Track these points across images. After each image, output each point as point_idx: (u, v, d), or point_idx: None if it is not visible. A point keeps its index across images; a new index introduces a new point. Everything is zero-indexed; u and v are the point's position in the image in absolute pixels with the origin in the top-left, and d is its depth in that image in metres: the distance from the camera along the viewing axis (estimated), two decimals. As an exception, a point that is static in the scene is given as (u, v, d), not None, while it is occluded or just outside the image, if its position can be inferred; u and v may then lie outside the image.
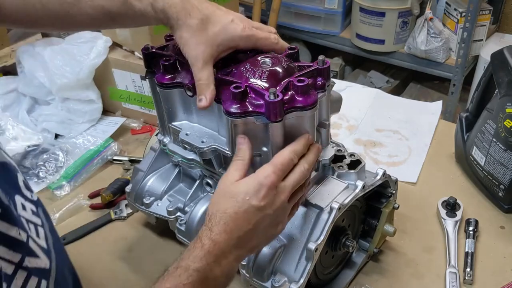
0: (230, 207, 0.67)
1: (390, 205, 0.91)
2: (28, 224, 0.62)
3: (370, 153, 1.25)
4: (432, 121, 1.36)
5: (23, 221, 0.61)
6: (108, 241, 1.05)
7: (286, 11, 2.71)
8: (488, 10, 2.33)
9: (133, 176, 1.00)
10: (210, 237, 0.65)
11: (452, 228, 1.01)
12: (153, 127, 1.36)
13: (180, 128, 0.84)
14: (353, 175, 0.83)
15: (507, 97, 0.99)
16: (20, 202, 0.64)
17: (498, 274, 0.93)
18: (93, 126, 1.35)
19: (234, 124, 0.73)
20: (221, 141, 0.80)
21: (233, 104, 0.72)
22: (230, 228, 0.66)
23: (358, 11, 2.51)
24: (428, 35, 2.37)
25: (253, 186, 0.67)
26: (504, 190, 1.03)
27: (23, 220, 0.61)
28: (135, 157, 1.24)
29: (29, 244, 0.58)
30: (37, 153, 1.24)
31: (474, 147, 1.10)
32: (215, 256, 0.65)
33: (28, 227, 0.61)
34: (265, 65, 0.76)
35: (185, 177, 0.96)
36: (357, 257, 0.95)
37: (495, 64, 1.05)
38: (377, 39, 2.53)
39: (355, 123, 1.35)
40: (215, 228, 0.66)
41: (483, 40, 2.40)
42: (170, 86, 0.81)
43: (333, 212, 0.76)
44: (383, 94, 1.51)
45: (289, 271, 0.77)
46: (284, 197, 0.69)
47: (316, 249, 0.74)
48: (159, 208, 0.94)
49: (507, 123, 0.98)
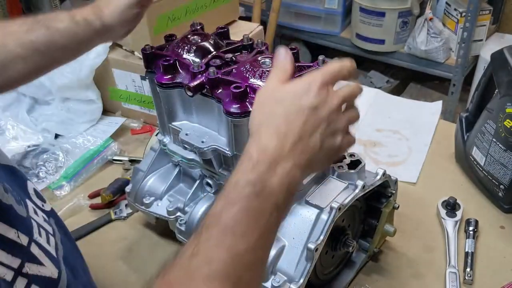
0: (278, 111, 0.58)
1: (390, 205, 0.91)
2: (39, 228, 0.61)
3: (370, 153, 1.25)
4: (432, 121, 1.36)
5: (34, 225, 0.60)
6: (108, 241, 1.05)
7: (286, 11, 2.71)
8: (488, 10, 2.33)
9: (133, 176, 1.00)
10: (258, 145, 0.57)
11: (452, 228, 1.01)
12: (153, 127, 1.36)
13: (180, 128, 0.84)
14: (353, 175, 0.83)
15: (507, 97, 0.99)
16: (32, 206, 0.64)
17: (498, 274, 0.93)
18: (93, 126, 1.35)
19: (234, 124, 0.73)
20: (221, 141, 0.80)
21: (233, 104, 0.72)
22: (281, 132, 0.57)
23: (358, 11, 2.51)
24: (428, 35, 2.38)
25: (301, 86, 0.59)
26: (504, 190, 1.03)
27: (34, 224, 0.60)
28: (135, 157, 1.24)
29: (31, 248, 0.56)
30: (37, 153, 1.24)
31: (474, 147, 1.10)
32: (269, 163, 0.55)
33: (39, 232, 0.60)
34: (265, 65, 0.76)
35: (185, 177, 0.96)
36: (357, 257, 0.95)
37: (495, 64, 1.05)
38: (377, 39, 2.53)
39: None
40: (263, 136, 0.57)
41: (483, 40, 2.40)
42: (170, 86, 0.81)
43: (333, 212, 0.76)
44: (383, 94, 1.51)
45: (289, 271, 0.77)
46: (336, 102, 0.60)
47: (316, 249, 0.74)
48: (159, 208, 0.94)
49: (507, 123, 0.98)
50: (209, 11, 1.46)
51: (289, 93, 0.59)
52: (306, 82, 0.60)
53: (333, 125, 0.61)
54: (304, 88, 0.59)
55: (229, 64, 0.80)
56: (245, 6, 2.60)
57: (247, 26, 1.63)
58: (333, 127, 0.61)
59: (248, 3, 2.61)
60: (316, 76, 0.60)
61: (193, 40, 0.84)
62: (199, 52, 0.82)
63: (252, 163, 0.55)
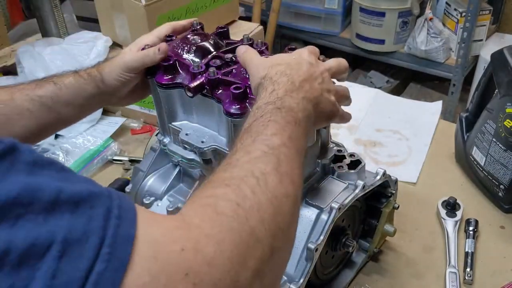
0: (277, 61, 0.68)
1: (390, 205, 0.91)
2: None
3: (370, 153, 1.25)
4: (432, 121, 1.36)
5: None
6: (108, 241, 1.05)
7: (286, 11, 2.71)
8: (488, 10, 2.33)
9: (133, 176, 1.00)
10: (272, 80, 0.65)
11: (452, 228, 1.01)
12: (153, 127, 1.36)
13: (180, 128, 0.84)
14: (353, 175, 0.83)
15: (507, 97, 0.99)
16: None
17: (498, 274, 0.93)
18: (93, 126, 1.35)
19: (234, 124, 0.73)
20: (221, 141, 0.80)
21: (233, 104, 0.72)
22: (289, 72, 0.66)
23: (358, 11, 2.52)
24: (428, 35, 2.38)
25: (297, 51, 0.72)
26: (504, 190, 1.03)
27: None
28: (135, 157, 1.24)
29: None
30: (37, 153, 1.24)
31: (474, 147, 1.10)
32: (284, 90, 0.63)
33: None
34: (265, 65, 0.76)
35: (185, 177, 0.96)
36: (357, 257, 0.95)
37: (495, 64, 1.05)
38: (377, 39, 2.54)
39: (355, 123, 1.35)
40: (273, 77, 0.65)
41: (483, 40, 2.40)
42: (170, 87, 0.81)
43: (333, 212, 0.76)
44: (383, 94, 1.51)
45: (289, 271, 0.77)
46: (323, 68, 0.70)
47: (316, 249, 0.74)
48: (159, 208, 0.94)
49: (507, 123, 0.98)
50: (209, 11, 1.46)
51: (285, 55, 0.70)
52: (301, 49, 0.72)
53: (326, 84, 0.69)
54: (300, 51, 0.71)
55: (229, 64, 0.80)
56: (245, 6, 2.60)
57: (247, 26, 1.63)
58: (326, 85, 0.69)
59: (248, 3, 2.61)
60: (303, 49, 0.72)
61: (193, 40, 0.84)
62: (199, 52, 0.82)
63: (269, 91, 0.63)
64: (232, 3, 1.56)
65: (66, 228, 0.38)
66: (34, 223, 0.37)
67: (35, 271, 0.36)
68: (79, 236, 0.38)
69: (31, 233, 0.36)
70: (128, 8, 1.39)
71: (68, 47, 1.30)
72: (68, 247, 0.37)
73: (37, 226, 0.37)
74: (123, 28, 1.46)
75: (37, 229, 0.37)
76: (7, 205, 0.36)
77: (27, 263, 0.35)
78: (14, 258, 0.35)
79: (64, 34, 1.51)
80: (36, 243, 0.36)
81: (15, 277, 0.35)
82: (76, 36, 1.33)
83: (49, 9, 1.50)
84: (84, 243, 0.38)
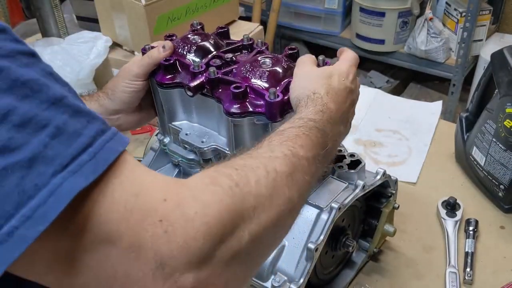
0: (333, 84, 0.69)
1: (390, 205, 0.91)
2: None
3: (370, 153, 1.25)
4: (432, 121, 1.36)
5: None
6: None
7: (286, 11, 2.71)
8: (488, 10, 2.33)
9: (133, 176, 0.99)
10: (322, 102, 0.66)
11: (452, 228, 1.01)
12: (153, 127, 1.35)
13: (180, 128, 0.84)
14: (353, 175, 0.83)
15: (507, 97, 0.99)
16: None
17: (498, 274, 0.93)
18: (93, 126, 1.35)
19: (234, 124, 0.73)
20: (221, 141, 0.80)
21: (233, 104, 0.72)
22: (338, 101, 0.68)
23: (358, 11, 2.51)
24: (428, 35, 2.38)
25: (345, 67, 0.72)
26: (504, 190, 1.03)
27: None
28: (135, 157, 1.23)
29: None
30: (37, 153, 1.24)
31: (474, 147, 1.10)
32: (328, 117, 0.65)
33: None
34: (265, 65, 0.76)
35: (185, 177, 0.95)
36: (357, 257, 0.95)
37: (495, 64, 1.05)
38: (377, 39, 2.53)
39: (355, 123, 1.35)
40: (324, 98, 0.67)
41: (483, 40, 2.40)
42: (170, 86, 0.81)
43: (333, 212, 0.76)
44: (383, 94, 1.51)
45: (289, 271, 0.77)
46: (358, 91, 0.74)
47: (316, 249, 0.74)
48: (159, 208, 0.94)
49: (507, 123, 0.98)
50: (209, 11, 1.46)
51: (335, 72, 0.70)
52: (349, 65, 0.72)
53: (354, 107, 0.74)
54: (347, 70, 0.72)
55: (229, 64, 0.80)
56: (245, 6, 2.60)
57: (247, 26, 1.63)
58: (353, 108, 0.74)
59: (248, 3, 2.61)
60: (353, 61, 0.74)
61: (193, 40, 0.84)
62: (199, 52, 0.82)
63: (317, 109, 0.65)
64: (232, 3, 1.57)
65: (62, 121, 0.40)
66: (37, 105, 0.40)
67: (31, 137, 0.38)
68: (71, 133, 0.41)
69: (33, 110, 0.39)
70: (128, 8, 1.39)
71: (68, 47, 1.30)
72: (60, 134, 0.40)
73: (39, 108, 0.40)
74: (123, 28, 1.46)
75: (39, 109, 0.40)
76: (19, 83, 0.39)
77: (25, 130, 0.38)
78: (16, 119, 0.38)
79: (64, 34, 1.51)
80: (35, 118, 0.39)
81: (14, 134, 0.38)
82: (76, 36, 1.33)
83: (49, 9, 1.50)
84: (73, 138, 0.40)
